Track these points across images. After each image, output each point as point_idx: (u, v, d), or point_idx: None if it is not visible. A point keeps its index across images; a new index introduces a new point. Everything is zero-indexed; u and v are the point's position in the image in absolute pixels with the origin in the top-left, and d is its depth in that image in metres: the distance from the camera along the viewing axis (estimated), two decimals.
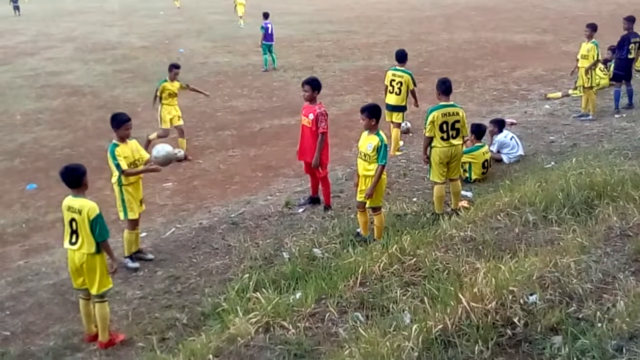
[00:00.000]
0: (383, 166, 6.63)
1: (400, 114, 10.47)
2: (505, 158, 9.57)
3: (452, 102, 7.53)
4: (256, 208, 8.68)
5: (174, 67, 11.42)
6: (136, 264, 7.09)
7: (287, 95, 16.05)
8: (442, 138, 7.34)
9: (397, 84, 10.25)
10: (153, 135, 11.35)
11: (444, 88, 7.53)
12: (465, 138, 8.16)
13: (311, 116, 7.82)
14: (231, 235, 7.70)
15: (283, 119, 13.75)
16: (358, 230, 7.19)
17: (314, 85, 7.88)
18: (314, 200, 8.53)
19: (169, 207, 9.09)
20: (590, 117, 11.62)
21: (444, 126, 7.32)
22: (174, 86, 11.36)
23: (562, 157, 9.12)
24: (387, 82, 10.46)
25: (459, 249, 5.56)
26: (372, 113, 6.73)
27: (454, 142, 7.40)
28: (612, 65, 12.76)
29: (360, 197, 6.90)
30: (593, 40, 11.45)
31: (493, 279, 4.40)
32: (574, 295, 4.11)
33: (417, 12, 32.45)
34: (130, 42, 26.61)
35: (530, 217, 5.94)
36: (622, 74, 12.08)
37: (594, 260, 4.55)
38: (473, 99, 14.37)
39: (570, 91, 13.78)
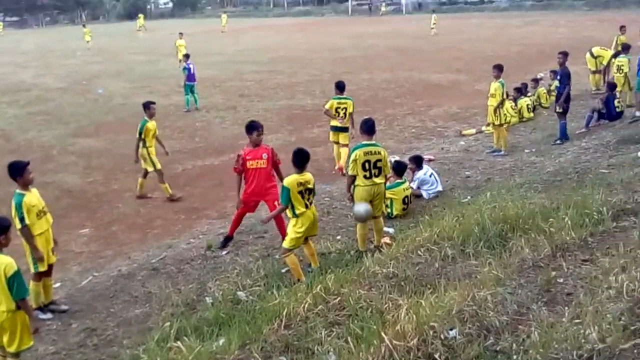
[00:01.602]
0: (285, 207, 6.90)
1: (346, 134, 11.71)
2: (424, 194, 9.84)
3: (374, 142, 7.68)
4: (178, 252, 8.48)
5: (150, 104, 10.85)
6: (48, 315, 6.70)
7: (209, 135, 15.95)
8: (364, 177, 7.46)
9: (342, 110, 11.59)
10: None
11: (366, 127, 7.71)
12: (388, 176, 8.36)
13: (265, 156, 8.00)
14: (152, 282, 7.46)
15: (206, 159, 13.62)
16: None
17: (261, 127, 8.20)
18: (228, 240, 8.49)
19: (86, 254, 8.73)
20: (502, 152, 12.16)
21: (367, 165, 7.45)
22: (154, 125, 10.85)
23: (477, 191, 9.46)
24: (331, 108, 11.65)
25: (382, 285, 5.60)
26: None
27: (377, 180, 7.52)
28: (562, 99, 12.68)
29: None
30: (500, 80, 12.03)
31: (414, 316, 4.45)
32: (491, 328, 4.21)
33: (338, 52, 33.25)
34: (45, 83, 25.79)
35: (449, 251, 6.09)
36: (569, 107, 12.35)
37: (509, 292, 4.69)
38: (393, 136, 14.77)
39: (483, 128, 14.43)
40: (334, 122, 11.78)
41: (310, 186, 7.01)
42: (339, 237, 8.36)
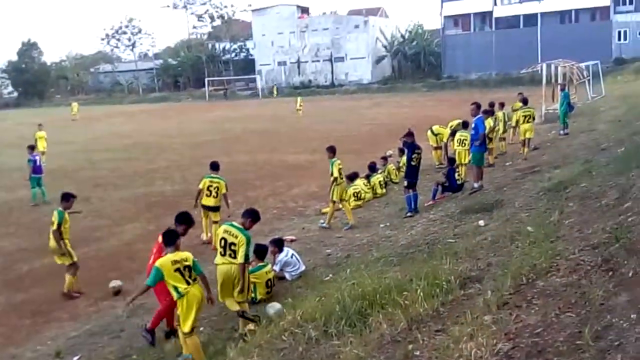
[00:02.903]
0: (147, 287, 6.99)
1: (218, 213, 12.42)
2: (287, 276, 9.87)
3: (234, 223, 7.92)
4: None
5: (71, 197, 10.26)
6: None
7: None
8: (221, 254, 7.62)
9: (214, 188, 12.26)
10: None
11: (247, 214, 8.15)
12: (250, 260, 8.33)
13: None
14: None
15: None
16: None
17: None
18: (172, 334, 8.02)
19: None
20: (325, 224, 13.26)
21: (222, 242, 7.71)
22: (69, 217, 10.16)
23: (338, 268, 9.68)
24: (203, 187, 12.28)
25: None
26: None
27: (234, 261, 7.60)
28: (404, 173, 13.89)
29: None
30: (332, 159, 13.05)
31: None
32: None
33: (196, 137, 33.28)
34: None
35: (312, 333, 6.07)
36: (413, 181, 13.18)
37: None
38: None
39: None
40: (205, 202, 12.32)
41: (187, 263, 6.93)
42: (202, 329, 8.06)
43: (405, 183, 13.20)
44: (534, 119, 19.02)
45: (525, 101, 20.34)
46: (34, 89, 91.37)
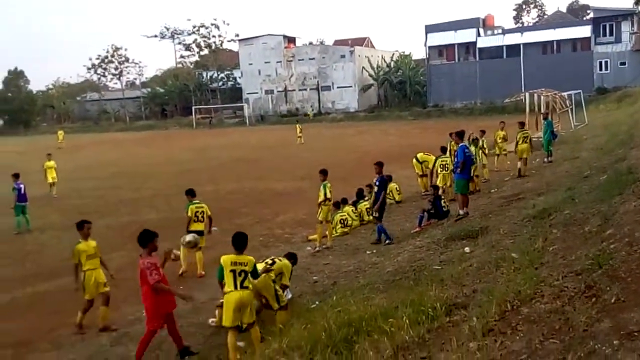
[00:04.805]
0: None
1: (204, 237, 12.90)
2: None
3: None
4: None
5: (85, 223, 9.89)
6: None
7: (43, 258, 14.82)
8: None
9: (200, 214, 12.87)
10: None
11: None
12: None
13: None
14: None
15: (38, 285, 12.54)
16: None
17: None
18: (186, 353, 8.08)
19: None
20: (317, 248, 13.78)
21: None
22: (90, 245, 9.76)
23: (325, 295, 9.66)
24: (192, 214, 12.76)
25: None
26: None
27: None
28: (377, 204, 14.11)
29: None
30: (324, 182, 13.63)
31: None
32: None
33: (182, 165, 33.24)
34: None
35: None
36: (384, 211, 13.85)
37: None
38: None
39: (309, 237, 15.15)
40: (196, 227, 12.66)
41: (246, 268, 7.58)
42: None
43: (375, 213, 13.80)
44: (530, 139, 20.18)
45: (522, 124, 21.36)
46: (20, 117, 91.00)
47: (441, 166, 17.24)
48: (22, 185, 18.28)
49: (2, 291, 12.20)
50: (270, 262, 9.47)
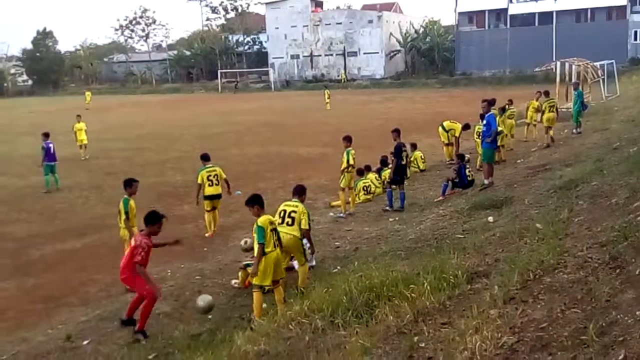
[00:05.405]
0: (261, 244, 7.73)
1: (220, 200, 13.11)
2: (297, 267, 9.90)
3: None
4: (33, 346, 7.80)
5: (133, 181, 10.13)
6: None
7: (71, 216, 15.13)
8: (279, 223, 8.47)
9: (214, 177, 12.91)
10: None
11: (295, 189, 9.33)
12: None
13: None
14: None
15: (67, 242, 12.86)
16: None
17: None
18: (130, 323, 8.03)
19: None
20: (342, 215, 13.69)
21: (282, 213, 8.78)
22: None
23: (346, 261, 9.73)
24: (203, 181, 12.82)
25: None
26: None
27: (290, 230, 8.65)
28: (390, 171, 14.23)
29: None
30: (348, 148, 13.42)
31: None
32: None
33: (208, 129, 33.38)
34: None
35: (319, 323, 6.13)
36: (398, 179, 13.70)
37: None
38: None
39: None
40: (210, 191, 12.79)
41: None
42: (209, 317, 8.15)
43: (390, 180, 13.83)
44: (557, 108, 20.15)
45: (547, 93, 21.23)
46: (48, 77, 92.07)
47: (477, 134, 17.03)
48: (51, 145, 18.56)
49: (32, 247, 12.53)
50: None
